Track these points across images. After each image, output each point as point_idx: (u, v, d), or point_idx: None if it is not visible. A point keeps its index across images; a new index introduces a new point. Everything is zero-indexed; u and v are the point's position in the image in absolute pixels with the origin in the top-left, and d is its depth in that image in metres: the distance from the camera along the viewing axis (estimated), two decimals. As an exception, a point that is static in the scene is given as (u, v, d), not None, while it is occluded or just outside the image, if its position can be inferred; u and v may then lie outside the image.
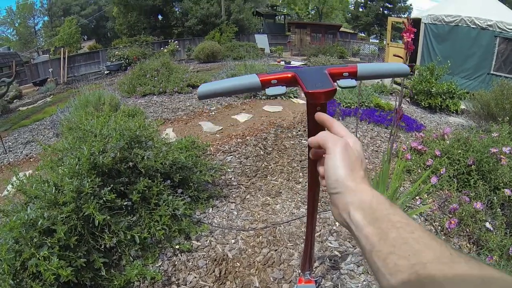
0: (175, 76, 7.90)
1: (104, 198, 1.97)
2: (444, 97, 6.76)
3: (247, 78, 0.77)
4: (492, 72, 8.96)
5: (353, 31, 34.72)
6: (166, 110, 6.10)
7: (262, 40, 22.63)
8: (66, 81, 15.82)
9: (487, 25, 8.77)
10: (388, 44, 11.88)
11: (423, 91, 6.85)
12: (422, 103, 6.86)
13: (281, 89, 0.76)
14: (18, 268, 1.74)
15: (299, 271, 1.89)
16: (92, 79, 14.30)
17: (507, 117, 4.42)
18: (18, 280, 1.71)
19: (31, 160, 4.77)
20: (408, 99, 7.43)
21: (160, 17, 27.41)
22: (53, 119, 6.20)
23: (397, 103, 2.11)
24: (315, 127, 0.73)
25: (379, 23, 35.47)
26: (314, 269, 2.06)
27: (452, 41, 9.28)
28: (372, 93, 6.22)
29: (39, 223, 1.79)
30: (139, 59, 14.64)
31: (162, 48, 18.92)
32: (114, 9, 28.29)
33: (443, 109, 6.89)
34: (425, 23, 9.80)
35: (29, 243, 1.73)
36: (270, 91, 0.75)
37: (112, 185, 2.09)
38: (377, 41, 32.76)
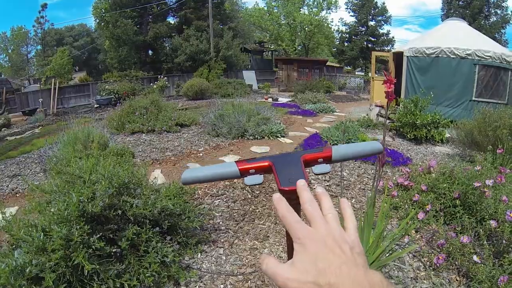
0: (164, 115, 8.03)
1: (93, 247, 1.98)
2: (429, 128, 6.94)
3: (227, 166, 0.81)
4: (474, 98, 9.29)
5: (339, 65, 35.78)
6: (154, 149, 6.15)
7: (250, 77, 23.13)
8: (55, 112, 15.83)
9: (466, 54, 9.17)
10: (373, 78, 12.25)
11: (408, 124, 7.03)
12: (408, 135, 7.03)
13: (259, 179, 0.80)
14: None
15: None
16: (82, 112, 14.35)
17: (490, 145, 4.48)
18: None
19: (17, 195, 4.70)
20: (394, 131, 7.62)
21: (150, 52, 27.90)
22: (41, 154, 6.14)
23: (369, 136, 2.19)
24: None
25: (363, 56, 36.62)
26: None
27: (434, 72, 9.63)
28: (358, 129, 6.38)
29: (27, 270, 1.79)
30: (128, 95, 14.79)
31: (151, 84, 19.18)
32: (106, 42, 28.79)
33: (429, 139, 7.06)
34: (407, 56, 10.16)
35: None
36: (248, 180, 0.80)
37: (101, 232, 2.11)
38: (363, 73, 33.70)
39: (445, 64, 9.44)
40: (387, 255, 2.36)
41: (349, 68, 39.39)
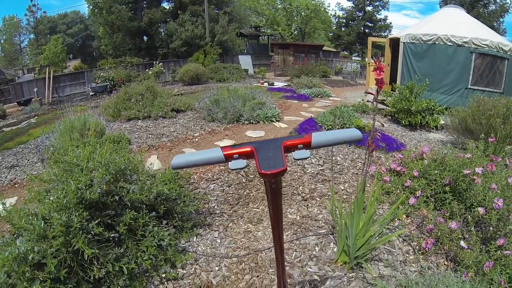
0: (160, 101, 8.04)
1: (92, 232, 2.05)
2: (424, 114, 7.00)
3: (213, 152, 0.90)
4: (469, 86, 9.36)
5: (335, 50, 35.56)
6: (150, 136, 6.19)
7: (245, 61, 23.03)
8: (51, 102, 15.80)
9: (463, 42, 9.20)
10: (369, 63, 12.26)
11: (403, 110, 7.08)
12: (403, 121, 7.08)
13: (242, 163, 0.88)
14: None
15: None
16: (77, 100, 14.32)
17: (483, 134, 4.53)
18: None
19: (16, 185, 4.74)
20: (389, 117, 7.68)
21: (145, 38, 27.64)
22: (38, 144, 6.17)
23: (364, 121, 2.26)
24: (273, 197, 0.89)
25: (360, 41, 36.46)
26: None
27: (431, 58, 9.66)
28: (353, 114, 6.43)
29: (30, 257, 1.86)
30: (124, 81, 14.73)
31: (147, 70, 19.07)
32: (100, 29, 28.47)
33: (423, 126, 7.12)
34: (403, 43, 10.17)
35: (21, 277, 1.79)
36: (232, 165, 0.89)
37: (99, 218, 2.18)
38: (359, 59, 33.56)
39: (441, 51, 9.47)
40: (376, 238, 2.45)
41: (345, 53, 39.18)
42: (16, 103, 15.29)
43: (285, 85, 14.66)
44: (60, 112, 11.48)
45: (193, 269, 2.42)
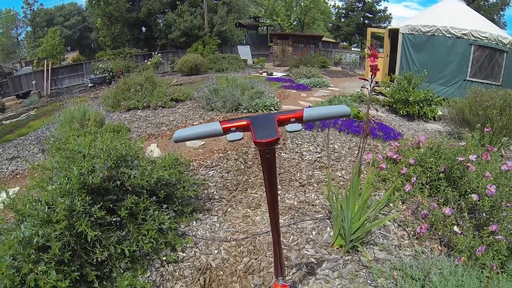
0: (159, 91, 8.08)
1: (94, 215, 2.11)
2: (422, 105, 7.04)
3: (212, 125, 0.98)
4: (468, 78, 9.40)
5: (335, 41, 35.45)
6: (150, 125, 6.24)
7: (244, 52, 23.00)
8: (49, 94, 15.79)
9: (462, 34, 9.21)
10: (368, 54, 12.23)
11: (401, 100, 7.12)
12: (401, 112, 7.13)
13: (239, 135, 0.96)
14: (16, 284, 1.84)
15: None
16: (76, 92, 14.30)
17: (479, 124, 4.59)
18: None
19: (17, 176, 4.81)
20: (387, 107, 7.72)
21: (143, 29, 27.52)
22: (38, 135, 6.23)
23: (362, 110, 2.32)
24: (268, 167, 0.96)
25: (360, 32, 36.37)
26: (292, 275, 2.23)
27: (430, 50, 9.68)
28: (350, 104, 6.47)
29: (35, 240, 1.91)
30: (123, 72, 14.72)
31: (145, 61, 19.05)
32: (97, 20, 28.30)
33: (421, 116, 7.17)
34: (403, 33, 10.18)
35: (26, 259, 1.84)
36: (229, 137, 0.96)
37: (101, 202, 2.24)
38: (359, 49, 33.49)
39: (440, 43, 9.49)
40: (371, 222, 2.51)
41: (345, 44, 39.08)
42: (14, 96, 15.31)
43: (284, 75, 14.66)
44: (59, 103, 11.50)
45: (192, 252, 2.49)
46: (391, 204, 3.12)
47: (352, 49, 35.71)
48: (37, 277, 1.78)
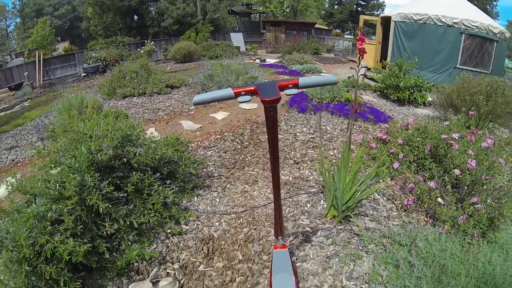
0: (154, 78, 8.16)
1: (104, 191, 2.26)
2: (412, 91, 7.21)
3: (226, 91, 1.22)
4: (458, 66, 9.60)
5: (327, 28, 35.43)
6: (147, 111, 6.34)
7: (237, 39, 22.98)
8: (42, 85, 15.72)
9: (453, 22, 9.37)
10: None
11: (392, 85, 7.29)
12: (391, 97, 7.30)
13: (247, 98, 1.19)
14: (31, 256, 1.98)
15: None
16: (70, 82, 14.30)
17: (466, 108, 4.79)
18: (33, 266, 1.92)
19: (18, 164, 4.90)
20: (379, 92, 7.89)
21: (135, 17, 27.29)
22: (36, 124, 6.29)
23: (353, 95, 2.48)
24: (271, 123, 1.17)
25: (352, 19, 36.40)
26: (289, 242, 2.41)
27: (421, 38, 9.85)
28: (342, 89, 6.62)
29: (49, 215, 2.05)
30: (116, 60, 14.70)
31: (138, 49, 18.98)
32: (88, 9, 27.93)
33: (411, 101, 7.34)
34: (395, 21, 10.32)
35: (42, 231, 1.98)
36: (240, 99, 1.18)
37: (109, 179, 2.39)
38: (351, 37, 33.50)
39: (432, 31, 9.65)
40: (362, 192, 2.69)
41: (337, 31, 39.09)
42: (7, 88, 15.19)
43: (277, 62, 14.72)
44: (53, 94, 11.54)
45: (195, 225, 2.66)
46: (381, 181, 3.30)
47: (345, 36, 35.72)
48: (55, 245, 1.93)
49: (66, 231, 2.04)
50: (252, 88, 1.21)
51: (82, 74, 15.56)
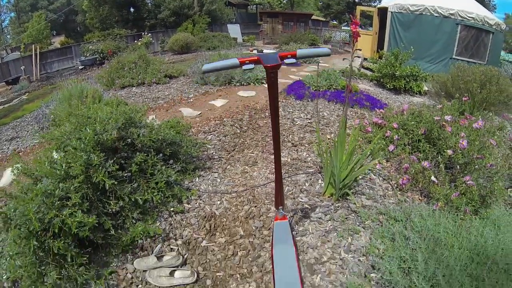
0: (153, 68, 8.19)
1: (109, 169, 2.34)
2: (408, 79, 7.31)
3: (232, 60, 1.36)
4: (454, 56, 9.71)
5: (324, 19, 35.37)
6: (146, 99, 6.40)
7: (234, 30, 22.90)
8: (39, 78, 15.74)
9: (449, 13, 9.45)
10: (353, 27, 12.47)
11: (388, 74, 7.39)
12: (388, 85, 7.40)
13: (251, 66, 1.33)
14: (39, 231, 2.06)
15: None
16: (67, 75, 14.29)
17: (459, 95, 4.89)
18: (41, 241, 2.00)
19: (20, 154, 4.94)
20: (375, 81, 7.98)
21: (132, 9, 27.16)
22: (36, 114, 6.33)
23: (348, 81, 2.56)
24: (272, 86, 1.28)
25: (350, 11, 36.31)
26: (289, 218, 2.51)
27: (417, 28, 9.93)
28: (339, 77, 6.70)
29: (56, 192, 2.13)
30: (114, 52, 14.70)
31: (135, 41, 18.93)
32: (84, 2, 27.75)
33: (407, 90, 7.44)
34: (391, 12, 10.38)
35: (50, 207, 2.07)
36: (244, 66, 1.31)
37: (114, 158, 2.47)
38: (348, 28, 33.43)
39: (428, 22, 9.74)
40: (357, 170, 2.78)
41: (335, 22, 39.02)
42: (4, 83, 15.19)
43: (274, 52, 14.74)
44: (51, 86, 11.55)
45: (197, 203, 2.76)
46: (376, 161, 3.38)
47: (342, 27, 35.65)
48: (63, 218, 2.00)
49: (73, 206, 2.12)
50: (256, 58, 1.34)
51: (80, 67, 15.54)
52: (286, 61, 1.37)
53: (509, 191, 3.15)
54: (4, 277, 2.19)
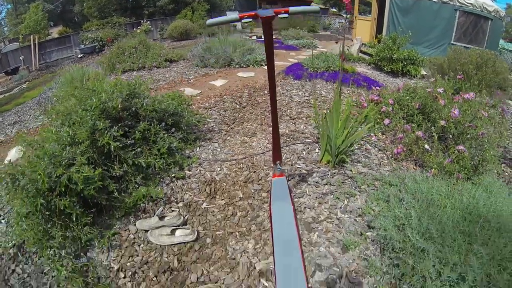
0: (153, 52, 8.26)
1: (114, 134, 2.44)
2: (405, 63, 7.37)
3: (233, 15, 1.50)
4: (452, 42, 9.73)
5: (324, 7, 35.12)
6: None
7: (233, 17, 22.88)
8: (38, 68, 15.74)
9: (447, -1, 9.47)
10: (356, 17, 12.56)
11: (386, 58, 7.45)
12: (385, 68, 7.46)
13: (249, 19, 1.47)
14: (46, 192, 2.14)
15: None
16: (66, 64, 14.28)
17: (452, 73, 4.99)
18: (47, 200, 2.08)
19: (24, 135, 5.03)
20: (373, 65, 8.04)
21: (130, -3, 26.99)
22: (39, 99, 6.38)
23: (341, 49, 2.65)
24: (267, 36, 1.40)
25: (349, -2, 36.00)
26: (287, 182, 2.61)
27: (416, 14, 9.93)
28: (337, 59, 6.77)
29: (63, 154, 2.22)
30: (113, 40, 14.70)
31: (135, 29, 18.87)
32: (81, -9, 27.57)
33: (405, 73, 7.49)
34: (390, -3, 10.37)
35: (58, 166, 2.13)
36: (244, 20, 1.52)
37: (119, 125, 2.57)
38: (349, 16, 33.24)
39: (426, 7, 9.74)
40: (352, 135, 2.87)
41: (334, 10, 38.73)
42: (4, 73, 15.21)
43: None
44: (51, 74, 11.58)
45: (198, 170, 2.86)
46: (372, 134, 3.48)
47: (342, 15, 35.38)
48: (70, 174, 2.09)
49: (80, 166, 2.21)
50: (253, 13, 1.46)
51: (79, 55, 15.55)
52: (280, 16, 1.48)
53: (502, 167, 3.27)
54: (10, 244, 2.30)
